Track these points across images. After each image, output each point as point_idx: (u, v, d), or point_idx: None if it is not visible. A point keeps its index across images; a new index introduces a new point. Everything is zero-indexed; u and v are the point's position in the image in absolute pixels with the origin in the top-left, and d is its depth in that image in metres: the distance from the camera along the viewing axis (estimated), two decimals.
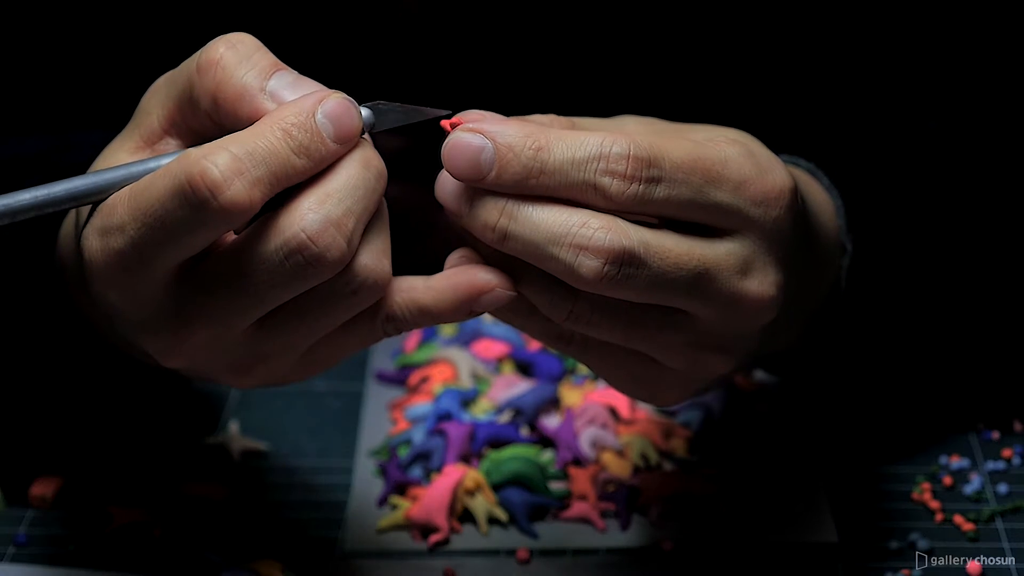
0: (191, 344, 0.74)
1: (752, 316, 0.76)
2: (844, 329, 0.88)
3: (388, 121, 0.75)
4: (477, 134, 0.73)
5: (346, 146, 0.73)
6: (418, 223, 1.08)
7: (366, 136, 0.74)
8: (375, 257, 0.74)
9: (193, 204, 0.70)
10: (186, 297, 0.73)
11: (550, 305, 0.75)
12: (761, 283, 0.75)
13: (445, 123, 0.75)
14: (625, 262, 0.72)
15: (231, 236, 0.74)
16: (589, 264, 0.72)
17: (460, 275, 0.76)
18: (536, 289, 0.75)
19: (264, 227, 0.72)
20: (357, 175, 0.73)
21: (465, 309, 0.75)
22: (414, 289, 0.76)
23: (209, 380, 0.79)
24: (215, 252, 0.73)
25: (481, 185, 0.73)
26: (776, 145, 0.88)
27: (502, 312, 0.77)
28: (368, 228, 0.74)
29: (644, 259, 0.73)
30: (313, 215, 0.71)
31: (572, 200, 0.73)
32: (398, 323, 0.77)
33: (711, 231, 0.75)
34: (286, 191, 0.72)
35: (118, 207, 0.72)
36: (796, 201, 0.76)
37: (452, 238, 0.78)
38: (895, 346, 0.91)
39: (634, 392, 0.80)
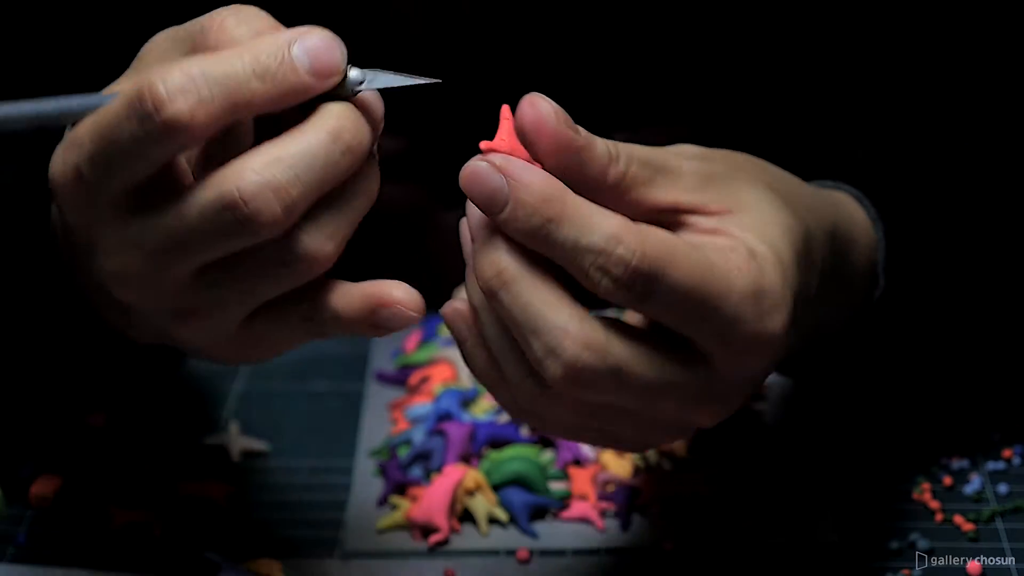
0: (135, 276, 0.73)
1: (703, 426, 0.76)
2: (865, 342, 0.88)
3: (378, 83, 0.73)
4: (500, 175, 0.71)
5: (321, 82, 0.71)
6: (417, 224, 1.08)
7: (351, 105, 0.72)
8: (319, 237, 0.72)
9: (139, 118, 0.68)
10: (129, 225, 0.72)
11: (522, 387, 0.74)
12: (713, 413, 0.75)
13: (485, 144, 0.72)
14: (587, 379, 0.72)
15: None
16: (553, 370, 0.71)
17: (374, 286, 0.74)
18: (510, 365, 0.74)
19: (210, 177, 0.70)
20: (319, 144, 0.70)
21: (367, 320, 0.74)
22: (334, 289, 0.75)
23: (159, 327, 0.77)
24: (163, 189, 0.72)
25: (488, 217, 0.72)
26: (824, 170, 0.88)
27: (477, 374, 0.77)
28: (323, 205, 0.71)
29: (610, 378, 0.72)
30: (254, 176, 0.69)
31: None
32: (315, 321, 0.74)
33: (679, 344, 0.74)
34: None
35: (83, 124, 0.71)
36: (783, 344, 0.75)
37: (450, 239, 0.78)
38: (912, 351, 0.91)
39: (620, 449, 0.81)
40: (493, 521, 0.90)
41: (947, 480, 0.92)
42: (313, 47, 0.71)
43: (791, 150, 0.94)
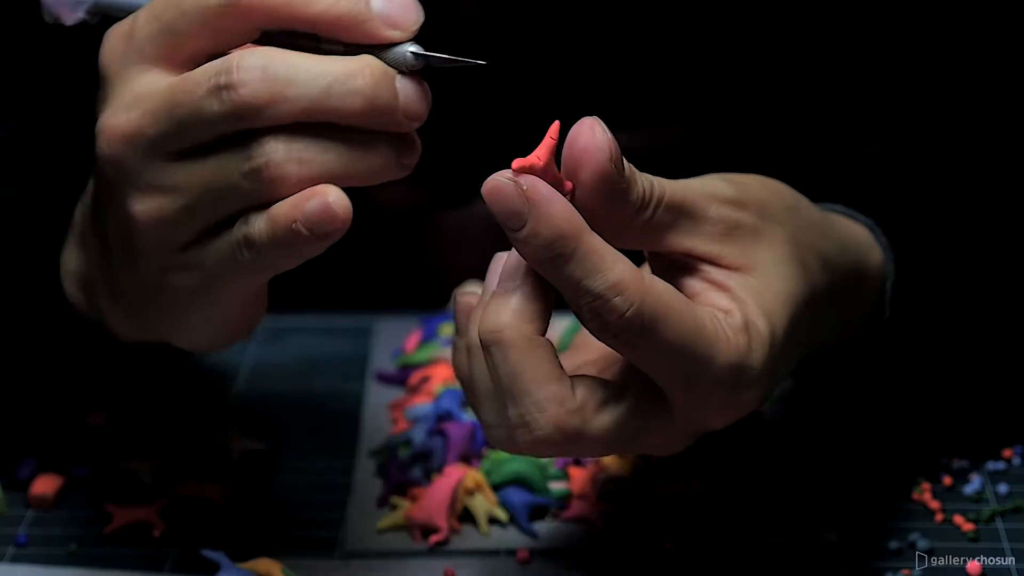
0: (162, 222, 0.74)
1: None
2: (871, 352, 0.89)
3: (433, 63, 0.73)
4: (522, 199, 0.71)
5: (387, 30, 0.72)
6: (417, 223, 1.08)
7: (384, 64, 0.72)
8: (286, 152, 0.72)
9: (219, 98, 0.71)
10: (175, 171, 0.74)
11: (496, 433, 0.75)
12: (662, 451, 0.78)
13: (518, 162, 0.72)
14: (551, 452, 0.74)
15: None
16: (523, 438, 0.73)
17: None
18: (490, 410, 0.75)
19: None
20: (331, 69, 0.72)
21: (294, 216, 0.72)
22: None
23: (143, 293, 0.79)
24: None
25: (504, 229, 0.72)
26: (831, 193, 0.88)
27: (457, 370, 0.78)
28: (310, 132, 0.72)
29: (576, 452, 0.74)
30: (254, 58, 0.71)
31: None
32: (251, 241, 0.74)
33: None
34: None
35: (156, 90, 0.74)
36: (744, 414, 0.76)
37: (450, 239, 0.78)
38: (916, 356, 0.91)
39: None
40: (493, 521, 0.90)
41: (947, 480, 0.92)
42: (393, 1, 0.72)
43: (789, 151, 0.94)
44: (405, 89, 0.73)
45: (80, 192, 0.86)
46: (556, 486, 0.92)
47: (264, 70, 0.71)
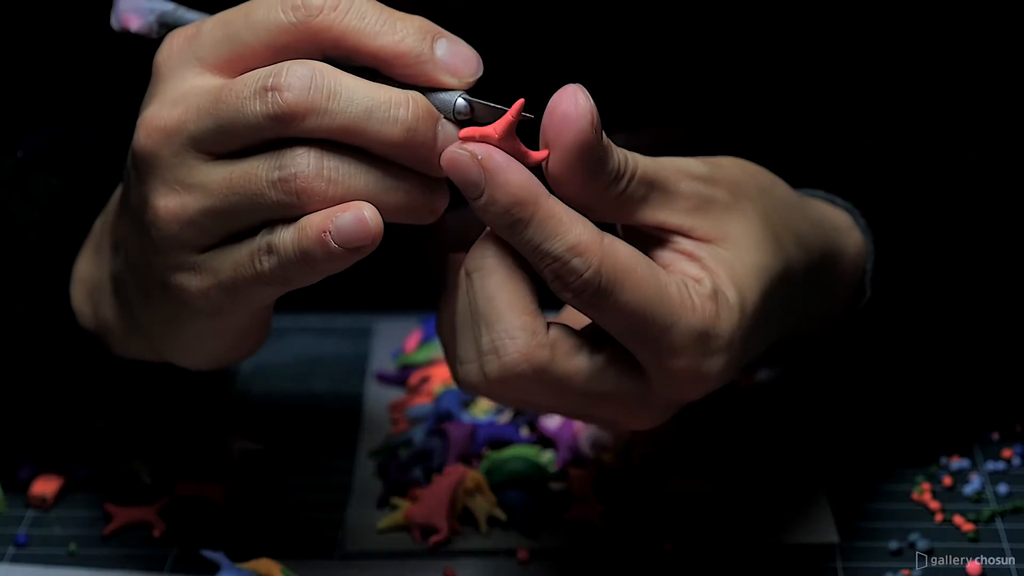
0: (183, 219, 0.75)
1: (636, 428, 0.79)
2: (860, 335, 0.89)
3: (479, 113, 0.74)
4: (477, 168, 0.72)
5: (448, 78, 0.73)
6: (415, 226, 1.08)
7: (430, 103, 0.73)
8: (316, 166, 0.73)
9: (262, 101, 0.72)
10: (204, 169, 0.74)
11: (469, 367, 0.75)
12: (645, 421, 0.78)
13: (464, 132, 0.73)
14: (518, 385, 0.74)
15: None
16: (492, 367, 0.74)
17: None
18: (466, 342, 0.75)
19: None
20: (382, 97, 0.72)
21: (324, 227, 0.72)
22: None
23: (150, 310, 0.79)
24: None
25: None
26: (814, 180, 0.88)
27: (440, 328, 0.78)
28: (343, 152, 0.72)
29: (542, 392, 0.74)
30: (303, 67, 0.72)
31: None
32: (273, 248, 0.74)
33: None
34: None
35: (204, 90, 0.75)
36: (717, 383, 0.76)
37: (449, 241, 0.78)
38: (908, 346, 0.91)
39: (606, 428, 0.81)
40: (493, 521, 0.90)
41: (947, 480, 0.92)
42: (457, 51, 0.74)
43: (786, 150, 0.94)
44: (446, 133, 0.73)
45: (98, 210, 0.86)
46: (556, 486, 0.92)
47: (311, 79, 0.72)
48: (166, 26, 0.79)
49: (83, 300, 0.87)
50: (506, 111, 0.73)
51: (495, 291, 0.73)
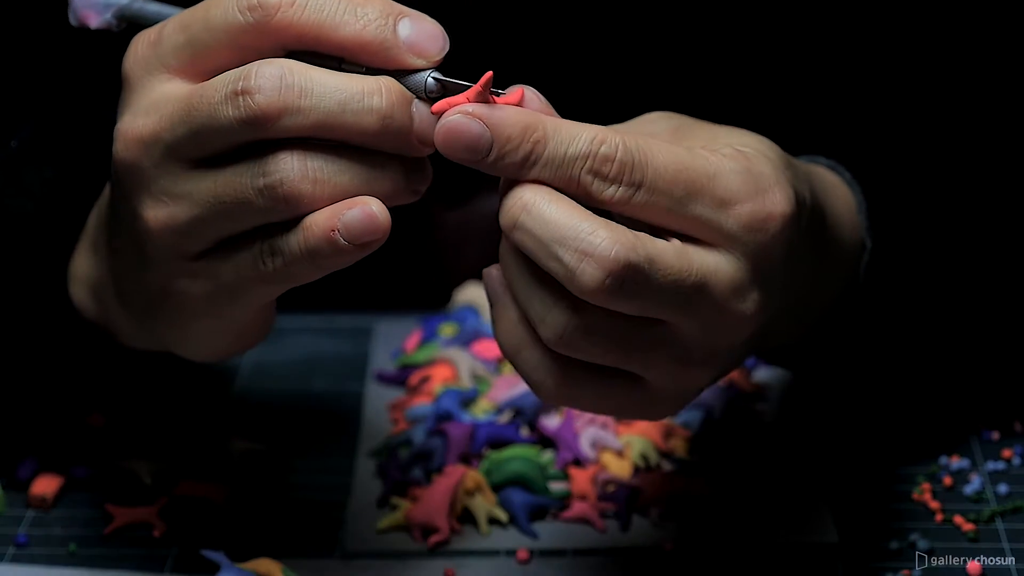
0: (174, 229, 0.75)
1: (731, 332, 0.76)
2: (858, 324, 0.88)
3: (450, 90, 0.74)
4: (476, 121, 0.72)
5: (412, 58, 0.73)
6: (417, 223, 1.08)
7: (402, 87, 0.73)
8: (302, 168, 0.72)
9: (233, 104, 0.72)
10: (189, 178, 0.74)
11: (545, 320, 0.74)
12: (743, 302, 0.75)
13: (440, 104, 0.73)
14: (628, 276, 0.71)
15: None
16: (591, 272, 0.71)
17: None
18: (535, 297, 0.74)
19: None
20: (353, 88, 0.72)
21: (332, 224, 0.73)
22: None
23: (153, 306, 0.79)
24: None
25: (474, 167, 0.73)
26: (796, 143, 0.88)
27: (501, 339, 0.76)
28: (327, 150, 0.72)
29: (648, 273, 0.72)
30: (272, 67, 0.72)
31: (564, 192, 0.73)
32: (277, 249, 0.74)
33: (700, 242, 0.75)
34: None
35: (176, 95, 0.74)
36: (792, 226, 0.76)
37: (450, 239, 0.78)
38: (905, 343, 0.91)
39: (625, 417, 0.80)
40: (493, 521, 0.90)
41: (947, 480, 0.92)
42: (422, 28, 0.73)
43: (770, 124, 0.94)
44: (421, 113, 0.73)
45: (93, 200, 0.86)
46: (556, 486, 0.92)
47: (281, 78, 0.72)
48: (125, 19, 0.79)
49: (86, 297, 0.87)
50: (474, 86, 0.73)
51: (552, 212, 0.72)
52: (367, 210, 0.72)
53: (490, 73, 0.73)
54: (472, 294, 1.07)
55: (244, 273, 0.75)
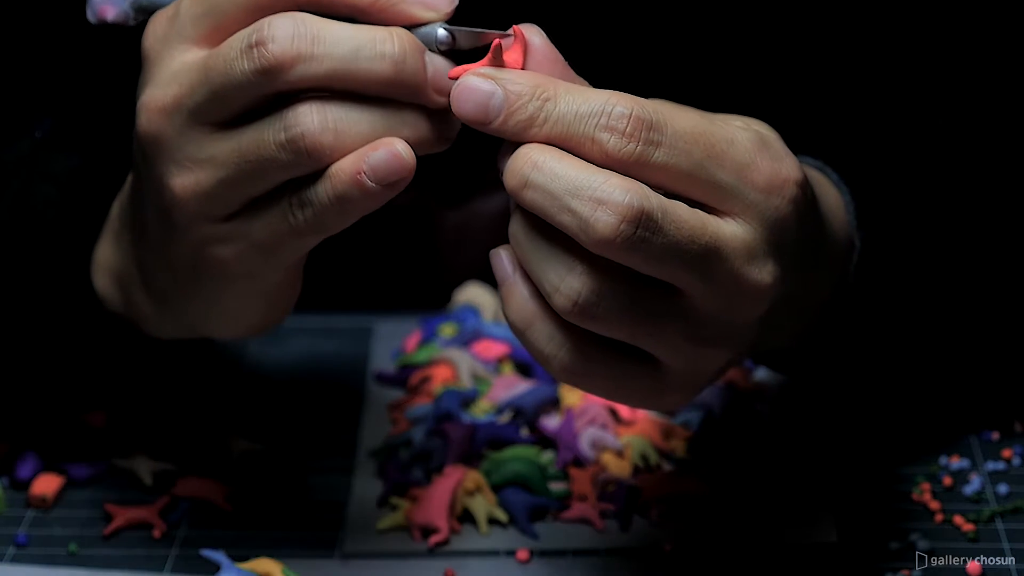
0: (199, 194, 0.76)
1: (748, 304, 0.75)
2: (850, 326, 0.88)
3: (461, 41, 0.75)
4: (488, 80, 0.73)
5: (419, 10, 0.74)
6: (418, 223, 1.08)
7: (411, 34, 0.74)
8: (319, 118, 0.73)
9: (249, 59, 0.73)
10: (212, 141, 0.75)
11: (559, 289, 0.73)
12: (760, 271, 0.75)
13: (456, 70, 0.74)
14: (642, 224, 0.71)
15: None
16: (606, 219, 0.71)
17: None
18: (548, 266, 0.74)
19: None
20: (365, 36, 0.73)
21: (358, 168, 0.74)
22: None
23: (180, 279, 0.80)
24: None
25: (486, 129, 0.73)
26: (785, 143, 0.88)
27: (512, 315, 0.76)
28: (343, 99, 0.73)
29: (661, 224, 0.72)
30: (285, 19, 0.73)
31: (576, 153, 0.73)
32: (306, 201, 0.75)
33: (714, 211, 0.75)
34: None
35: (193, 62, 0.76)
36: (803, 194, 0.76)
37: (450, 239, 0.78)
38: (900, 344, 0.91)
39: (637, 403, 0.80)
40: (493, 521, 0.90)
41: (947, 480, 0.92)
42: None
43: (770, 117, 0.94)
44: (434, 64, 0.74)
45: (117, 189, 0.87)
46: (556, 486, 0.92)
47: (294, 28, 0.73)
48: (142, 11, 0.80)
49: (109, 287, 0.87)
50: (487, 32, 0.74)
51: (563, 167, 0.72)
52: (392, 150, 0.73)
53: (498, 41, 0.74)
54: (472, 294, 1.07)
55: (275, 228, 0.76)
